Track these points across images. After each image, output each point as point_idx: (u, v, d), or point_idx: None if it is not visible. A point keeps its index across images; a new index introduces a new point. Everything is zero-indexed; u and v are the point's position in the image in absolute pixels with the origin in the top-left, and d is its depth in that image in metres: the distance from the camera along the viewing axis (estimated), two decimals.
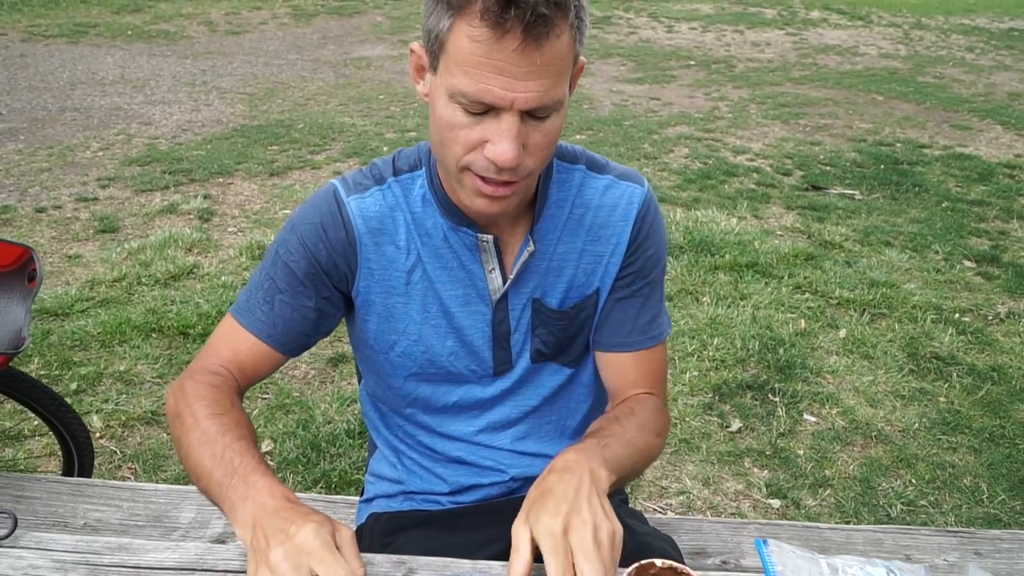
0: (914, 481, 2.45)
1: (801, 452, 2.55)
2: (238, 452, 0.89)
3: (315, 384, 2.78)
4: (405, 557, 0.94)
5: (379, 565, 0.92)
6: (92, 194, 4.30)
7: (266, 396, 2.70)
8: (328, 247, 1.03)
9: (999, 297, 3.63)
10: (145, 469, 2.32)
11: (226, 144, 5.22)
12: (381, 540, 1.17)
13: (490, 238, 1.03)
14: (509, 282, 1.06)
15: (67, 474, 1.85)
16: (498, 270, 1.06)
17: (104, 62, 7.25)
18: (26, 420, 2.45)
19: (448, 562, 0.93)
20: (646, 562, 0.83)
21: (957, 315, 3.42)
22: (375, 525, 1.24)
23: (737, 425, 2.66)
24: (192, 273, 3.46)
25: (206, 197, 4.30)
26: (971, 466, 2.53)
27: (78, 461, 1.85)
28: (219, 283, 3.36)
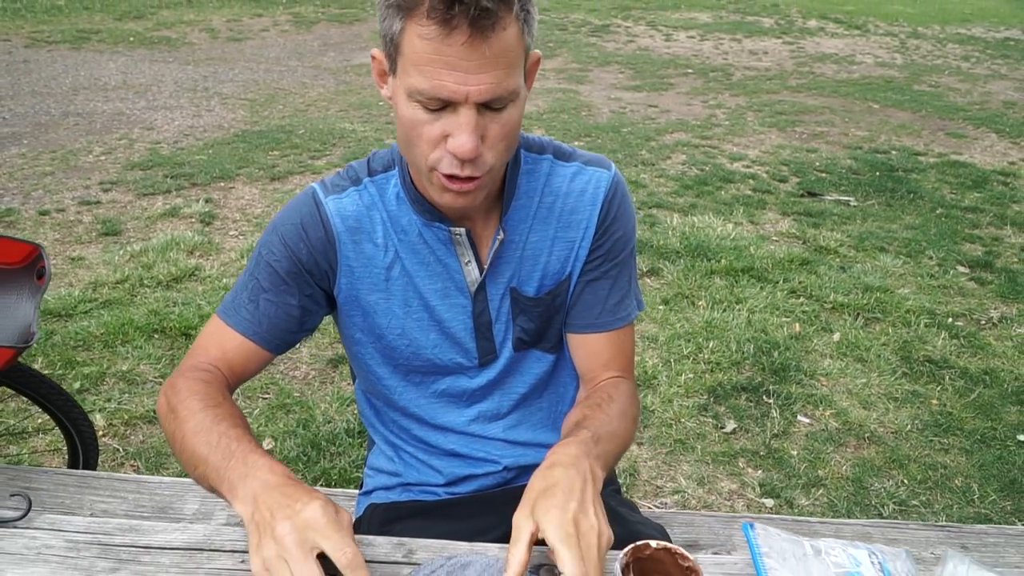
0: (906, 481, 2.49)
1: (795, 453, 2.59)
2: (234, 438, 0.92)
3: (315, 385, 2.82)
4: (404, 540, 0.97)
5: (379, 547, 0.96)
6: (95, 197, 4.33)
7: (267, 396, 2.73)
8: (308, 246, 1.07)
9: (992, 302, 3.67)
10: (147, 466, 2.35)
11: (227, 149, 5.27)
12: (379, 529, 1.20)
13: (463, 231, 1.07)
14: (485, 272, 1.10)
15: (72, 469, 1.88)
16: (474, 262, 1.09)
17: (106, 68, 7.30)
18: (30, 417, 2.48)
19: (446, 544, 0.97)
20: (641, 543, 0.86)
21: (950, 319, 3.46)
22: (373, 515, 1.28)
23: (732, 426, 2.70)
24: (194, 275, 3.50)
25: (208, 201, 4.34)
26: (962, 467, 2.56)
27: (83, 456, 1.88)
28: (220, 285, 3.40)
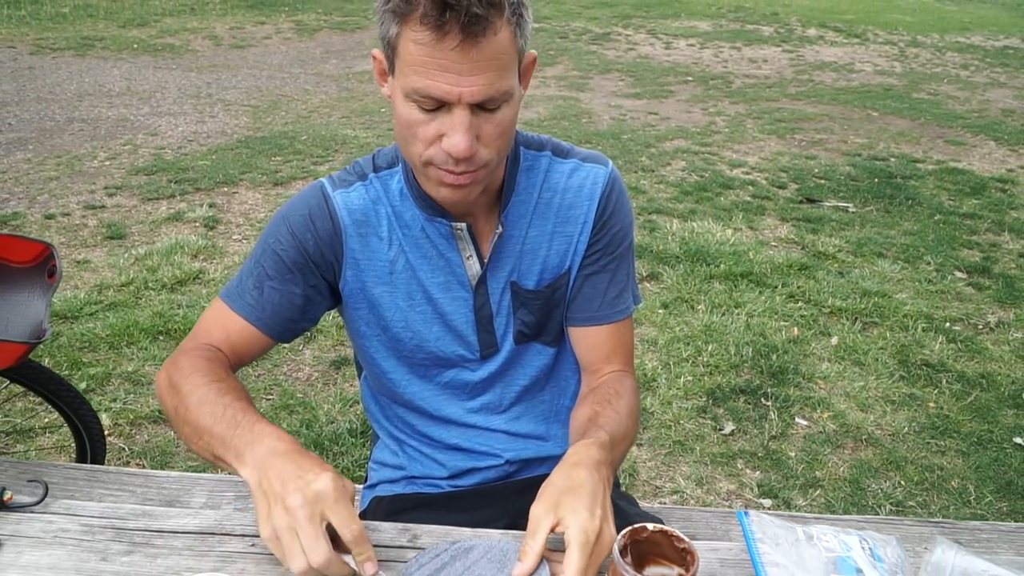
0: (903, 483, 2.51)
1: (792, 454, 2.61)
2: (239, 409, 0.95)
3: (318, 386, 2.85)
4: (409, 525, 1.00)
5: (385, 531, 0.99)
6: (100, 202, 4.37)
7: (270, 397, 2.76)
8: (316, 237, 1.10)
9: (989, 307, 3.70)
10: (153, 465, 2.38)
11: (231, 155, 5.31)
12: (384, 520, 1.24)
13: (463, 226, 1.10)
14: (486, 267, 1.13)
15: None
16: (475, 257, 1.13)
17: (111, 74, 7.35)
18: (36, 417, 2.51)
19: (450, 530, 1.00)
20: (638, 526, 0.88)
21: (948, 324, 3.49)
22: (378, 507, 1.31)
23: (730, 428, 2.72)
24: (198, 278, 3.54)
25: (211, 206, 4.38)
26: (959, 469, 2.59)
27: (91, 453, 1.91)
28: None
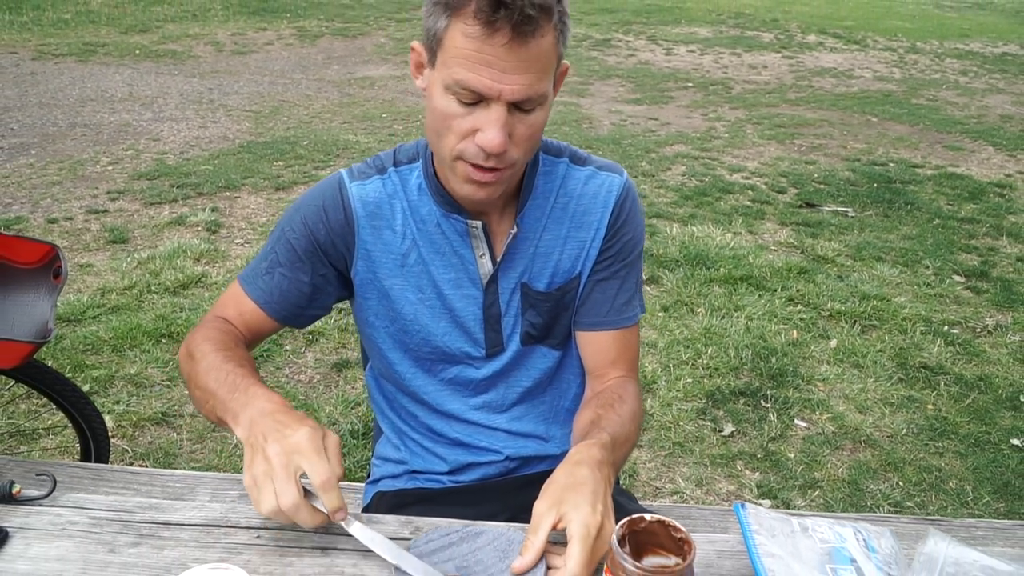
0: (901, 483, 2.53)
1: (792, 455, 2.63)
2: (239, 375, 1.01)
3: (320, 388, 2.86)
4: (412, 518, 1.02)
5: (388, 524, 1.01)
6: (102, 206, 4.40)
7: None
8: (328, 227, 1.13)
9: (987, 310, 3.71)
10: (156, 466, 2.40)
11: (233, 160, 5.33)
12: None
13: (479, 224, 1.12)
14: (498, 266, 1.15)
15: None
16: (488, 255, 1.15)
17: (113, 80, 7.38)
18: (40, 418, 2.53)
19: (452, 522, 1.02)
20: (636, 516, 0.90)
21: (946, 327, 3.51)
22: (380, 503, 1.32)
23: (730, 429, 2.74)
24: (200, 282, 3.56)
25: (214, 210, 4.40)
26: (957, 470, 2.61)
27: (95, 453, 1.93)
28: None
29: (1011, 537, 1.49)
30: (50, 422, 2.50)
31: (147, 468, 1.86)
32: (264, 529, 0.96)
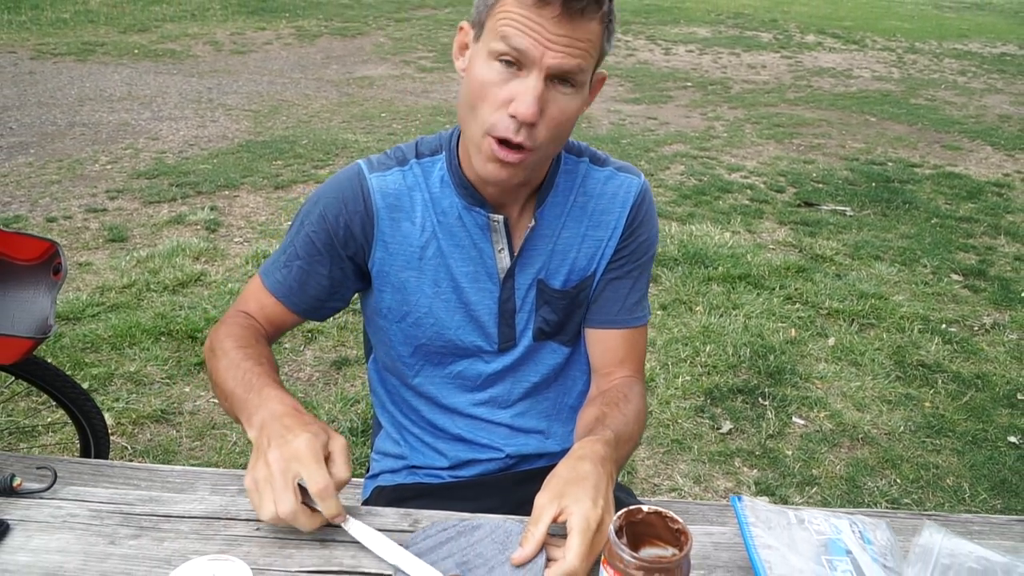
0: (899, 480, 2.54)
1: (789, 453, 2.64)
2: (256, 374, 1.02)
3: (319, 386, 2.87)
4: (411, 510, 1.03)
5: (387, 516, 1.01)
6: (101, 205, 4.40)
7: None
8: (347, 220, 1.13)
9: (985, 309, 3.72)
10: (155, 463, 2.40)
11: (232, 159, 5.34)
12: None
13: (500, 218, 1.13)
14: (516, 261, 1.16)
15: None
16: (507, 250, 1.16)
17: (111, 79, 7.38)
18: (39, 416, 2.53)
19: (450, 515, 1.02)
20: (633, 507, 0.90)
21: (944, 325, 3.51)
22: (379, 497, 1.33)
23: (728, 427, 2.75)
24: (200, 280, 3.56)
25: (213, 209, 4.41)
26: (954, 467, 2.61)
27: (95, 449, 1.93)
28: (226, 290, 3.46)
29: (1007, 532, 1.50)
30: (50, 419, 2.51)
31: (147, 464, 1.86)
32: (263, 521, 0.97)
